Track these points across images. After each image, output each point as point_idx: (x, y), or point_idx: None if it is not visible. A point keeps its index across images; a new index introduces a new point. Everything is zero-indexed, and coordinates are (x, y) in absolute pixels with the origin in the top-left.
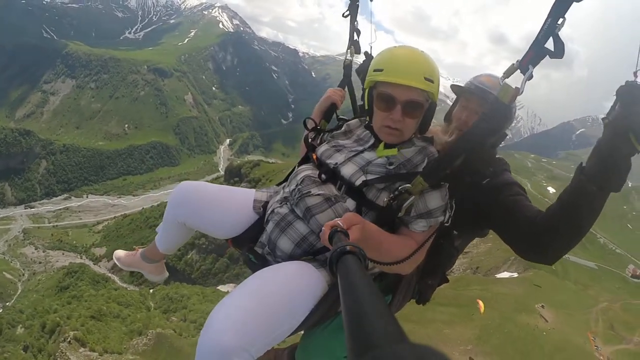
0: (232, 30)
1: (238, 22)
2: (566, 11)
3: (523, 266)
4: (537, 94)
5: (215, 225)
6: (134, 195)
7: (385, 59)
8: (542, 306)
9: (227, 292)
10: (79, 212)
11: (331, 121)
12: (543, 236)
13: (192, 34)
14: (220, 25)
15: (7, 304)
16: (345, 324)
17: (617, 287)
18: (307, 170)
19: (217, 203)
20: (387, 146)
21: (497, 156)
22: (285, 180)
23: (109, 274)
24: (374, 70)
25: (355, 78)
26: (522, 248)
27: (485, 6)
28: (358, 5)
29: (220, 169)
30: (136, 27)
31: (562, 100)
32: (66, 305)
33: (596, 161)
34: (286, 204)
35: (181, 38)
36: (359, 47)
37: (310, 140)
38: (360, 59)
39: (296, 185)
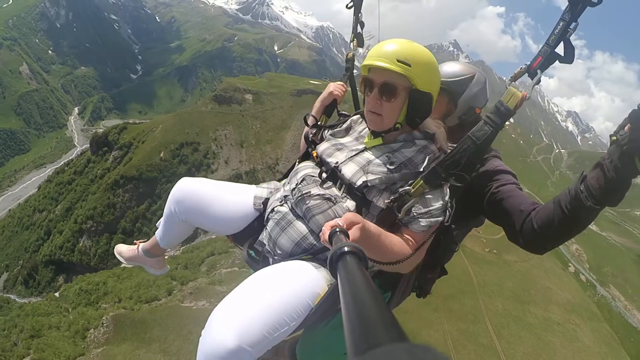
0: None
1: None
2: (579, 15)
3: None
4: (386, 25)
5: (216, 222)
6: None
7: (373, 48)
8: None
9: (133, 267)
10: None
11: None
12: (537, 235)
13: None
14: None
15: None
16: (345, 324)
17: None
18: (308, 169)
19: (217, 200)
20: (375, 135)
21: None
22: (286, 176)
23: (5, 295)
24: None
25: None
26: (518, 241)
27: None
28: None
29: (76, 143)
30: None
31: (410, 30)
32: None
33: (598, 177)
34: (286, 202)
35: None
36: (362, 40)
37: (311, 136)
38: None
39: (296, 184)
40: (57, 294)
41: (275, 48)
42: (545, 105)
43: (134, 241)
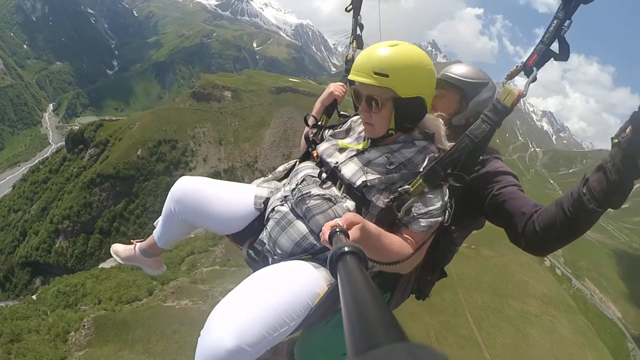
0: None
1: None
2: (573, 13)
3: None
4: (366, 25)
5: (216, 221)
6: None
7: (358, 56)
8: None
9: (111, 268)
10: None
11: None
12: (539, 237)
13: None
14: None
15: None
16: (345, 324)
17: None
18: (308, 169)
19: (217, 199)
20: (373, 142)
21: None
22: (286, 176)
23: None
24: None
25: None
26: (520, 243)
27: None
28: None
29: (50, 140)
30: None
31: (389, 31)
32: None
33: (600, 180)
34: (287, 202)
35: None
36: (362, 42)
37: (311, 136)
38: None
39: (296, 185)
40: (34, 297)
41: (254, 45)
42: (520, 105)
43: (131, 240)
